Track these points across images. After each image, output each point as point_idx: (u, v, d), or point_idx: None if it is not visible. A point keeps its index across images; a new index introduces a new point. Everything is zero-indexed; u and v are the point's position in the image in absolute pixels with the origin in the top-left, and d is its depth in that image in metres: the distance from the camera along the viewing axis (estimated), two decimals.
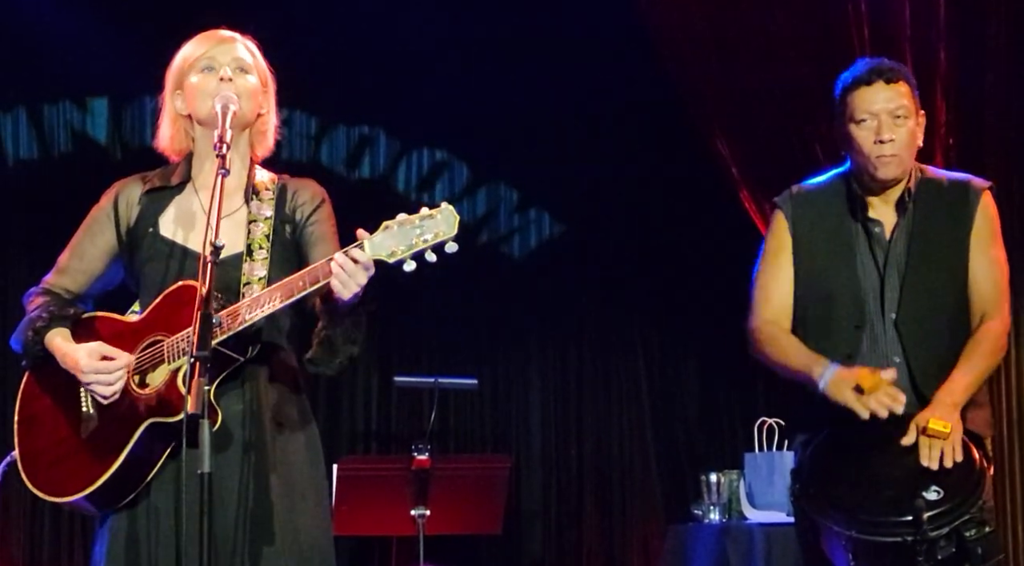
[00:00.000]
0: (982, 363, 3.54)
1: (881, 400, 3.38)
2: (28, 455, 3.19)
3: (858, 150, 3.60)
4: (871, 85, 3.59)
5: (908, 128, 3.60)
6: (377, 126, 7.09)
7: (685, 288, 7.06)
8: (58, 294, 3.26)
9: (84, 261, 3.27)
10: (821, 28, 5.95)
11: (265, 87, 3.27)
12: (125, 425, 3.05)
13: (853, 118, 3.59)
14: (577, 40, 6.66)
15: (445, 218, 2.81)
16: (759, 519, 5.57)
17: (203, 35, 3.27)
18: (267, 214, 3.19)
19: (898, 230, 3.64)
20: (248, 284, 3.08)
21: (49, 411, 3.18)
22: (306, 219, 3.22)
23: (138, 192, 3.27)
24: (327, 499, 3.23)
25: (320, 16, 6.46)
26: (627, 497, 7.08)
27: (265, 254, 3.13)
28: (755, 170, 6.12)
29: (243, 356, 3.05)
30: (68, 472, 3.11)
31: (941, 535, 3.23)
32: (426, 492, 5.36)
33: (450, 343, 6.99)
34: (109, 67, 6.37)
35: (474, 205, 7.20)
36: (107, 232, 3.25)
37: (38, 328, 3.17)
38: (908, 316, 3.58)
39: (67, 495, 3.10)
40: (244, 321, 2.95)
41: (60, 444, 3.14)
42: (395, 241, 2.82)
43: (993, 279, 3.62)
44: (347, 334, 3.02)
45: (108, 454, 3.05)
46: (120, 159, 6.67)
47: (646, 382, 7.20)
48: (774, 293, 3.69)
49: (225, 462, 3.02)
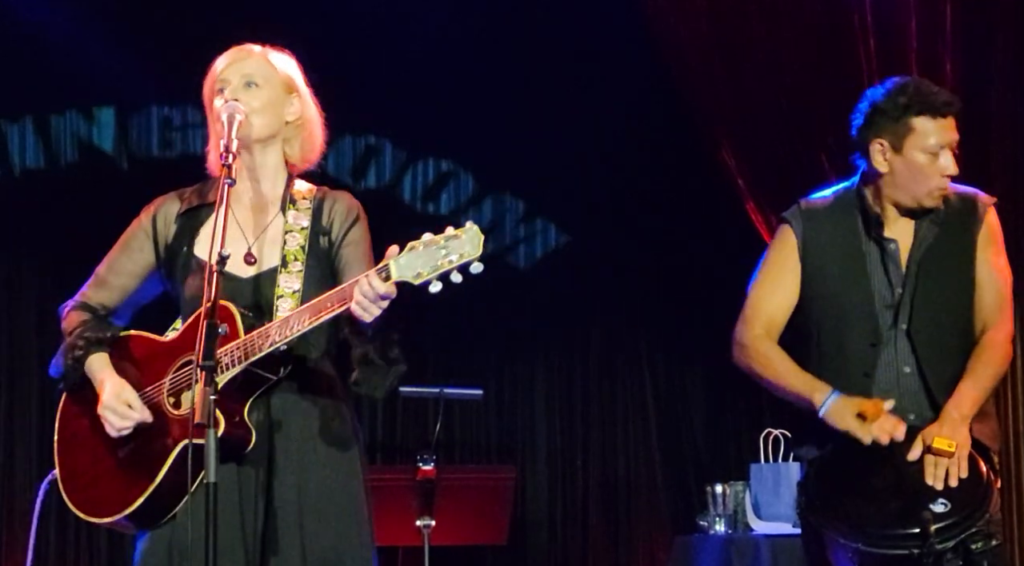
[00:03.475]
0: (988, 373, 3.54)
1: (883, 427, 3.39)
2: (68, 475, 3.21)
3: (919, 178, 3.56)
4: (945, 118, 3.56)
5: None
6: (383, 136, 7.11)
7: (691, 299, 7.06)
8: (95, 309, 3.27)
9: (121, 277, 3.28)
10: (827, 40, 5.95)
11: (293, 92, 3.25)
12: (161, 447, 3.06)
13: (925, 146, 3.53)
14: (584, 52, 6.67)
15: (471, 238, 2.82)
16: (765, 530, 5.56)
17: (227, 52, 3.27)
18: (303, 224, 3.18)
19: (913, 246, 3.63)
20: (281, 297, 3.09)
21: (88, 432, 3.19)
22: (342, 238, 3.21)
23: (175, 210, 3.27)
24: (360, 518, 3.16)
25: (325, 27, 6.47)
26: (632, 508, 7.08)
27: (300, 266, 3.13)
28: (761, 181, 6.12)
29: (276, 376, 3.05)
30: (105, 493, 3.13)
31: (948, 548, 3.22)
32: (431, 502, 5.35)
33: (455, 353, 6.99)
34: (115, 77, 6.39)
35: (480, 215, 7.20)
36: (145, 250, 3.26)
37: (77, 357, 3.19)
38: (921, 326, 3.58)
39: (104, 516, 3.13)
40: (274, 342, 2.95)
41: (97, 464, 3.16)
42: (421, 262, 2.83)
43: (996, 289, 3.63)
44: (384, 355, 3.04)
45: (143, 477, 3.05)
46: (126, 169, 6.70)
47: (652, 393, 7.20)
48: (769, 307, 3.67)
49: (248, 480, 3.03)
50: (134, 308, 3.34)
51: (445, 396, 5.97)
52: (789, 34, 6.00)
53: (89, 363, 3.18)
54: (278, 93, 3.23)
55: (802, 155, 5.99)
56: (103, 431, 3.14)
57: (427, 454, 5.42)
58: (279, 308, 3.07)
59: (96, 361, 3.18)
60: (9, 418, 6.45)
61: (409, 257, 2.84)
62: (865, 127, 3.61)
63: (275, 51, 3.29)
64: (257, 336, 2.96)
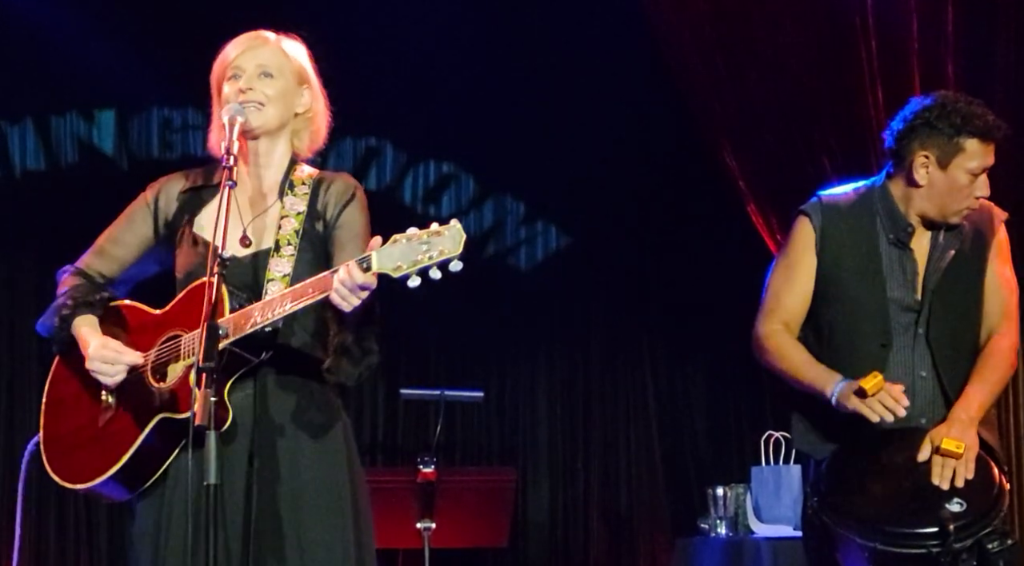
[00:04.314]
0: (994, 378, 3.59)
1: (884, 401, 3.40)
2: (51, 440, 3.24)
3: (956, 196, 3.59)
4: (992, 142, 3.61)
5: None
6: (384, 138, 7.10)
7: (692, 301, 7.05)
8: (91, 277, 3.28)
9: (119, 247, 3.29)
10: (829, 42, 5.95)
11: (304, 83, 3.27)
12: (139, 418, 3.08)
13: (970, 168, 3.57)
14: (585, 54, 6.66)
15: (452, 236, 2.80)
16: (766, 533, 5.56)
17: (241, 37, 3.28)
18: (299, 209, 3.20)
19: (932, 253, 3.66)
20: (272, 281, 3.09)
21: (73, 397, 3.21)
22: (335, 219, 3.22)
23: (179, 188, 3.29)
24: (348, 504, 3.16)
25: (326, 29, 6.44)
26: (634, 510, 7.07)
27: (292, 250, 3.14)
28: (763, 183, 6.12)
29: (256, 357, 3.05)
30: (83, 460, 3.15)
31: (965, 547, 3.24)
32: (432, 505, 5.35)
33: (456, 355, 6.98)
34: (116, 79, 6.39)
35: (481, 217, 7.20)
36: (146, 224, 3.28)
37: (64, 315, 3.19)
38: (939, 333, 3.61)
39: (79, 482, 3.15)
40: (255, 324, 2.95)
41: (80, 431, 3.18)
42: (402, 256, 2.82)
43: (1002, 296, 3.68)
44: (360, 344, 3.02)
45: (120, 445, 3.08)
46: (127, 170, 6.69)
47: (653, 395, 7.20)
48: (787, 301, 3.68)
49: (231, 467, 3.00)
50: (130, 283, 3.34)
51: (446, 398, 5.96)
52: (791, 35, 5.99)
53: (76, 324, 3.18)
54: (291, 84, 3.24)
55: (804, 157, 5.98)
56: (88, 397, 3.16)
57: (428, 456, 5.42)
58: (268, 291, 3.07)
59: (84, 322, 3.18)
60: (10, 418, 6.44)
61: (392, 249, 2.83)
62: (910, 138, 3.62)
63: (289, 39, 3.31)
64: (240, 316, 2.96)
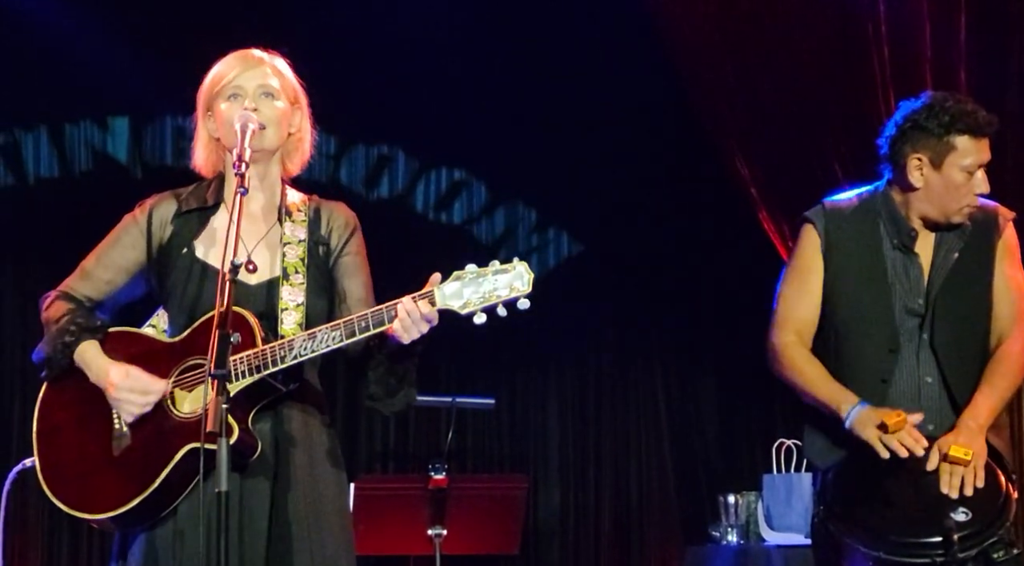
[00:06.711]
0: (1004, 384, 3.56)
1: (903, 439, 3.39)
2: (49, 467, 3.13)
3: (954, 195, 3.58)
4: (984, 138, 3.58)
5: None
6: (396, 146, 7.12)
7: (704, 308, 7.05)
8: (80, 301, 3.22)
9: (109, 271, 3.23)
10: (841, 49, 5.95)
11: (296, 105, 3.26)
12: (163, 448, 3.01)
13: (964, 165, 3.56)
14: (596, 61, 6.67)
15: (519, 274, 2.87)
16: (777, 541, 5.55)
17: (233, 56, 3.24)
18: (301, 236, 3.18)
19: (936, 257, 3.65)
20: (286, 310, 3.08)
21: (73, 424, 3.14)
22: (341, 248, 3.22)
23: (172, 211, 3.24)
24: (350, 526, 3.21)
25: (339, 37, 6.48)
26: (645, 518, 7.06)
27: (302, 279, 3.13)
28: (774, 190, 6.11)
29: (286, 388, 3.04)
30: (97, 489, 3.06)
31: (970, 557, 3.24)
32: (443, 511, 5.35)
33: (467, 362, 6.98)
34: (130, 87, 6.41)
35: (492, 225, 7.21)
36: (138, 247, 3.22)
37: (68, 342, 3.13)
38: (944, 338, 3.60)
39: (96, 512, 3.06)
40: (299, 356, 2.95)
41: (87, 459, 3.10)
42: (469, 292, 2.87)
43: (1011, 301, 3.65)
44: (405, 376, 3.06)
45: (143, 476, 3.01)
46: (140, 178, 6.71)
47: (664, 403, 7.19)
48: (799, 310, 3.67)
49: (255, 488, 3.01)
50: (116, 306, 3.28)
51: (457, 405, 5.97)
52: (802, 43, 5.99)
53: (81, 350, 3.12)
54: (288, 105, 3.23)
55: (815, 163, 5.98)
56: (91, 424, 3.10)
57: (439, 463, 5.42)
58: (283, 321, 3.07)
59: (88, 349, 3.12)
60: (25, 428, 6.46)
61: (455, 286, 2.88)
62: (902, 141, 3.62)
63: (279, 58, 3.29)
64: (279, 346, 2.95)
